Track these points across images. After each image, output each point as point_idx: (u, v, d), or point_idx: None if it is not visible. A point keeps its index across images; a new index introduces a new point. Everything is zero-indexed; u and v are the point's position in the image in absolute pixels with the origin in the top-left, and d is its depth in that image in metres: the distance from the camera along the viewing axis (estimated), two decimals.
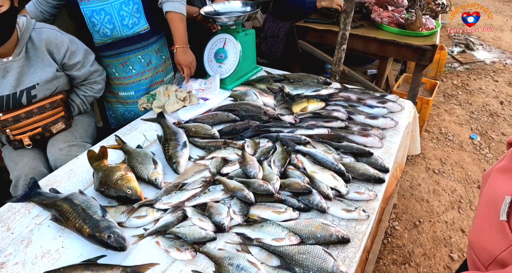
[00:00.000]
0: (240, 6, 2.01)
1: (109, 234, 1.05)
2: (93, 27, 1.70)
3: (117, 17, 1.68)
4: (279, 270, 0.95)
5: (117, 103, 1.97)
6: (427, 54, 2.57)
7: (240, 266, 0.93)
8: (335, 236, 1.02)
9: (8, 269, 1.08)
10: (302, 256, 0.96)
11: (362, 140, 1.48)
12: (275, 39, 3.20)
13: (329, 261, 0.94)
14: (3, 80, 1.50)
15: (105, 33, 1.71)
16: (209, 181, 1.27)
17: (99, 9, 1.65)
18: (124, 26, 1.72)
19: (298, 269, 0.94)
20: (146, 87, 1.94)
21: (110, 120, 2.06)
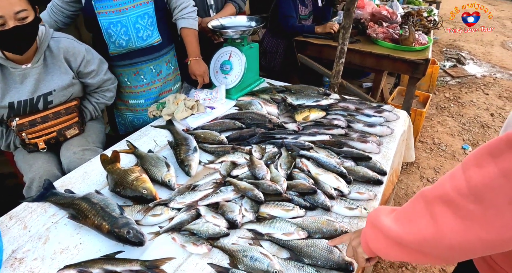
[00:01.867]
0: (246, 20, 2.13)
1: (128, 229, 1.11)
2: (109, 38, 1.80)
3: (132, 30, 1.79)
4: (289, 261, 1.03)
5: (127, 110, 2.06)
6: (420, 68, 2.70)
7: (254, 257, 1.01)
8: (340, 231, 1.10)
9: (27, 265, 1.12)
10: (310, 248, 1.04)
11: (361, 146, 1.58)
12: (274, 54, 3.33)
13: (336, 252, 1.02)
14: (21, 86, 1.57)
15: (121, 44, 1.81)
16: (220, 182, 1.36)
17: (116, 22, 1.75)
18: (139, 38, 1.82)
19: (307, 260, 1.02)
20: (156, 96, 2.03)
21: (119, 126, 2.14)
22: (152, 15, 1.81)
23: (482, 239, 0.59)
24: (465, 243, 0.61)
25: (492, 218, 0.58)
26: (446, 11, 11.61)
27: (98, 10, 1.72)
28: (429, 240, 0.65)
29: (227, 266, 1.05)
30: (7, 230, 1.25)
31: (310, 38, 3.14)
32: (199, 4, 2.12)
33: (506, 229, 0.57)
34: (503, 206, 0.57)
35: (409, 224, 0.70)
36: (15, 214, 1.32)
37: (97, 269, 1.07)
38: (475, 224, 0.60)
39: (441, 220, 0.63)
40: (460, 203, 0.61)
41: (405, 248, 0.71)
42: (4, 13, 1.34)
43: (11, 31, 1.37)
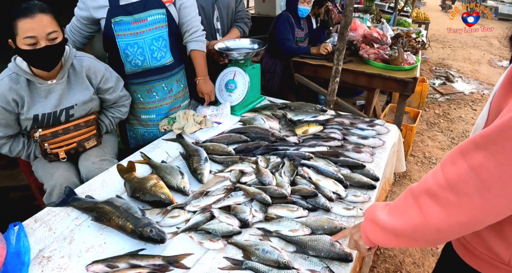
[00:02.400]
0: (249, 43, 2.32)
1: (151, 228, 1.22)
2: (126, 58, 1.95)
3: (148, 51, 1.95)
4: (296, 254, 1.18)
5: (139, 125, 2.21)
6: (409, 86, 2.90)
7: (265, 250, 1.15)
8: (339, 227, 1.25)
9: (55, 262, 1.21)
10: (314, 242, 1.18)
11: (356, 156, 1.74)
12: (272, 74, 3.52)
13: (336, 245, 1.17)
14: (46, 100, 1.70)
15: (137, 63, 1.97)
16: (230, 188, 1.50)
17: (133, 43, 1.92)
18: (153, 58, 1.99)
19: (312, 252, 1.17)
20: (166, 111, 2.19)
21: (130, 140, 2.29)
22: (166, 38, 1.99)
23: (460, 222, 0.74)
24: (448, 227, 0.75)
25: (466, 205, 0.72)
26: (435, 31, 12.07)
27: (117, 33, 1.88)
28: (418, 227, 0.79)
29: (241, 259, 1.18)
30: (32, 232, 1.35)
31: (306, 58, 3.34)
32: (207, 28, 2.31)
33: (477, 212, 0.72)
34: (473, 194, 0.70)
35: (401, 216, 0.84)
36: (40, 218, 1.43)
37: (123, 264, 1.18)
38: (453, 210, 0.73)
39: (426, 210, 0.78)
40: (440, 195, 0.75)
41: (399, 236, 0.85)
42: (37, 34, 1.49)
43: (43, 50, 1.52)
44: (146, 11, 1.89)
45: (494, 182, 0.69)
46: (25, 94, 1.64)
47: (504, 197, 0.69)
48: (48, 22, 1.52)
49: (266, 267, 1.12)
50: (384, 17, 6.16)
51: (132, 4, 1.88)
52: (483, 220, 0.73)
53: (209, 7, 2.39)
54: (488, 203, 0.70)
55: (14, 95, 1.62)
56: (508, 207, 0.71)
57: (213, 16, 2.43)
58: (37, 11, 1.49)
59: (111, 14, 1.86)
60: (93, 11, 1.90)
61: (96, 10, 1.89)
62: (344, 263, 1.16)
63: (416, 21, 8.66)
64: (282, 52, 3.37)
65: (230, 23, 2.59)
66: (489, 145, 0.69)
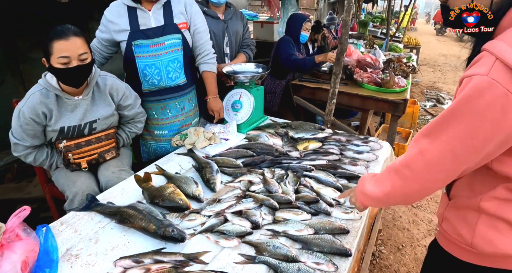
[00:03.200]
0: (254, 67, 2.54)
1: (172, 229, 1.36)
2: (144, 77, 2.14)
3: (164, 71, 2.14)
4: (302, 250, 1.34)
5: (152, 140, 2.38)
6: (400, 107, 3.12)
7: (276, 246, 1.32)
8: (339, 228, 1.43)
9: (83, 259, 1.32)
10: (318, 240, 1.35)
11: (352, 168, 1.93)
12: (273, 94, 3.73)
13: (337, 242, 1.34)
14: (72, 114, 1.85)
15: (153, 83, 2.15)
16: (241, 196, 1.67)
17: (151, 64, 2.10)
18: (169, 78, 2.17)
19: (316, 248, 1.33)
20: (178, 128, 2.36)
21: (143, 154, 2.44)
22: (181, 60, 2.18)
23: (415, 190, 1.00)
24: (407, 193, 1.02)
25: (416, 177, 0.97)
26: (426, 55, 12.53)
27: (136, 54, 2.07)
28: (389, 194, 1.08)
29: (254, 254, 1.34)
30: (59, 233, 1.46)
31: (304, 82, 3.57)
32: (217, 52, 2.53)
33: (425, 182, 0.96)
34: (421, 170, 0.95)
35: (379, 186, 1.12)
36: (65, 221, 1.54)
37: (148, 259, 1.30)
38: (409, 181, 0.99)
39: (393, 182, 1.05)
40: (401, 170, 1.01)
41: (379, 201, 1.15)
42: (70, 54, 1.67)
43: (75, 69, 1.69)
44: (164, 35, 2.09)
45: (434, 161, 0.92)
46: (54, 107, 1.80)
47: (441, 172, 0.93)
48: (80, 44, 1.70)
49: (277, 260, 1.28)
50: (376, 43, 6.48)
51: (151, 29, 2.08)
52: (430, 188, 0.98)
53: (220, 33, 2.63)
54: (431, 176, 0.95)
55: (44, 108, 1.77)
56: (445, 178, 0.95)
57: (223, 42, 2.67)
58: (71, 34, 1.67)
59: (132, 38, 2.05)
60: (115, 34, 2.08)
61: (117, 33, 2.08)
62: (344, 257, 1.32)
63: (408, 46, 9.03)
64: (289, 67, 3.56)
65: (238, 48, 2.83)
66: (430, 134, 0.94)
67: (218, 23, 2.62)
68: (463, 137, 0.86)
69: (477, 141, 0.85)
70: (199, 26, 2.23)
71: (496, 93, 0.80)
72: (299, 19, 3.66)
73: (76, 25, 1.76)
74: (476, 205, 1.02)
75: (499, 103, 0.80)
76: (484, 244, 1.02)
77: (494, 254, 1.01)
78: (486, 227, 1.01)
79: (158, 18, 2.09)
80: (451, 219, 1.12)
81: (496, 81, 0.79)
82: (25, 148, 1.85)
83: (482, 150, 0.87)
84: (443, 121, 0.90)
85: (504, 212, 0.97)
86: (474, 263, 1.07)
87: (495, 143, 0.85)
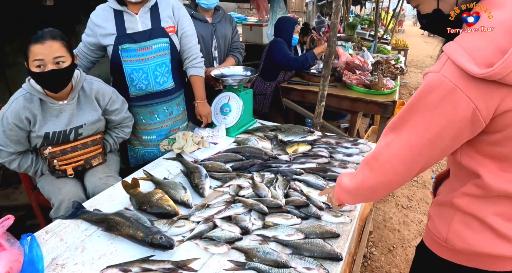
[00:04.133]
0: (242, 70, 2.52)
1: (160, 236, 1.33)
2: (131, 82, 2.10)
3: (152, 76, 2.11)
4: (292, 255, 1.32)
5: (139, 145, 2.35)
6: (389, 108, 3.14)
7: (265, 252, 1.30)
8: (330, 232, 1.41)
9: (69, 269, 1.28)
10: (308, 245, 1.34)
11: (342, 171, 1.91)
12: (263, 96, 3.73)
13: (328, 246, 1.33)
14: (57, 119, 1.81)
15: (141, 87, 2.13)
16: (230, 201, 1.65)
17: (138, 68, 2.07)
18: (157, 83, 2.15)
19: (306, 253, 1.32)
20: (166, 133, 2.34)
21: (131, 159, 2.41)
22: (168, 64, 2.16)
23: (381, 182, 1.04)
24: (375, 185, 1.06)
25: (383, 169, 1.01)
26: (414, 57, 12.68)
27: (123, 58, 2.04)
28: (359, 186, 1.12)
29: (244, 260, 1.32)
30: (44, 242, 1.42)
31: (293, 84, 3.57)
32: (206, 56, 2.51)
33: (391, 174, 1.00)
34: (386, 161, 0.99)
35: (353, 179, 1.16)
36: (51, 229, 1.50)
37: (136, 268, 1.27)
38: (376, 173, 1.03)
39: (363, 173, 1.09)
40: (370, 162, 1.06)
41: (351, 194, 1.18)
42: (44, 58, 1.63)
43: (49, 73, 1.65)
44: (151, 39, 2.06)
45: (398, 153, 0.97)
46: (38, 112, 1.76)
47: (401, 164, 0.97)
48: (57, 47, 1.66)
49: (267, 266, 1.26)
50: (365, 45, 6.53)
51: (138, 33, 2.05)
52: (392, 181, 1.02)
53: (208, 37, 2.61)
54: (392, 167, 0.99)
55: (28, 114, 1.74)
56: (404, 171, 0.98)
57: (212, 45, 2.65)
58: (48, 38, 1.64)
59: (118, 42, 2.02)
60: (101, 38, 2.05)
61: (104, 37, 2.05)
62: (335, 262, 1.31)
63: (396, 48, 9.13)
64: (289, 66, 3.57)
65: (226, 52, 2.81)
66: (395, 128, 0.98)
67: (206, 27, 2.60)
68: (419, 130, 0.92)
69: (431, 134, 0.90)
70: (187, 30, 2.21)
71: (445, 88, 0.85)
72: (291, 22, 3.67)
73: (63, 29, 1.73)
74: (450, 201, 1.05)
75: (449, 97, 0.85)
76: (457, 240, 1.04)
77: (468, 251, 1.03)
78: (460, 224, 1.04)
79: (145, 21, 2.07)
80: (433, 216, 1.15)
81: (446, 77, 0.85)
82: (9, 154, 1.81)
83: (437, 144, 0.91)
84: (404, 115, 0.95)
85: (475, 209, 1.00)
86: (453, 261, 1.09)
87: (449, 136, 0.90)
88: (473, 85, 0.82)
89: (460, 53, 0.84)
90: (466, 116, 0.85)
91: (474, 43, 0.84)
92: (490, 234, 0.99)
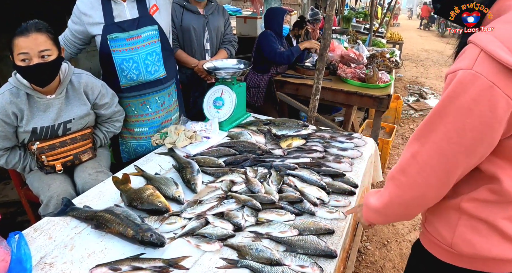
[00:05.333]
0: (235, 63, 2.48)
1: (151, 233, 1.30)
2: (121, 72, 2.05)
3: (142, 65, 2.05)
4: (286, 252, 1.30)
5: (131, 138, 2.29)
6: (384, 102, 3.12)
7: (258, 249, 1.27)
8: (324, 229, 1.39)
9: (57, 267, 1.25)
10: (302, 242, 1.31)
11: (337, 166, 1.90)
12: (257, 89, 3.69)
13: (322, 243, 1.30)
14: (45, 114, 1.78)
15: (132, 77, 2.07)
16: (222, 196, 1.62)
17: (128, 58, 2.01)
18: (148, 72, 2.09)
19: (300, 250, 1.29)
20: (158, 124, 2.29)
21: (123, 154, 2.36)
22: (159, 52, 2.11)
23: (411, 197, 0.95)
24: (404, 202, 0.98)
25: (411, 183, 0.93)
26: (409, 50, 12.68)
27: (112, 48, 1.97)
28: (387, 204, 1.04)
29: (236, 258, 1.29)
30: (33, 240, 1.39)
31: (287, 77, 3.54)
32: (198, 48, 2.47)
33: (420, 188, 0.92)
34: (415, 174, 0.91)
35: (380, 197, 1.07)
36: (39, 227, 1.47)
37: (126, 266, 1.24)
38: (405, 188, 0.95)
39: (390, 190, 1.01)
40: (396, 177, 0.98)
41: (380, 214, 1.10)
42: (29, 51, 1.58)
43: (34, 67, 1.61)
44: (140, 28, 2.01)
45: (428, 164, 0.88)
46: (25, 107, 1.71)
47: (433, 175, 0.89)
48: (42, 40, 1.61)
49: (260, 264, 1.23)
50: (360, 38, 6.49)
51: (126, 22, 1.99)
52: (425, 195, 0.94)
53: (200, 29, 2.56)
54: (424, 180, 0.91)
55: (14, 109, 1.69)
56: (437, 183, 0.91)
57: (204, 37, 2.60)
58: (33, 30, 1.59)
59: (106, 31, 1.96)
60: (89, 27, 1.99)
61: (91, 26, 1.99)
62: (329, 259, 1.28)
63: (391, 42, 9.11)
64: (276, 60, 3.51)
65: (219, 44, 2.76)
66: (420, 137, 0.90)
67: (198, 18, 2.55)
68: (452, 137, 0.83)
69: (467, 141, 0.81)
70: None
71: (480, 87, 0.76)
72: (280, 12, 3.59)
73: (53, 21, 1.68)
74: (457, 205, 0.99)
75: (485, 97, 0.76)
76: (463, 245, 0.99)
77: (473, 256, 0.98)
78: (466, 228, 0.98)
79: (133, 10, 2.02)
80: (433, 219, 1.09)
81: (481, 74, 0.75)
82: None
83: (475, 151, 0.83)
84: (431, 122, 0.87)
85: (484, 214, 0.94)
86: (454, 265, 1.05)
87: (487, 142, 0.81)
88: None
89: (496, 45, 0.75)
90: (505, 116, 0.76)
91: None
92: (498, 238, 0.94)
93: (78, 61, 3.53)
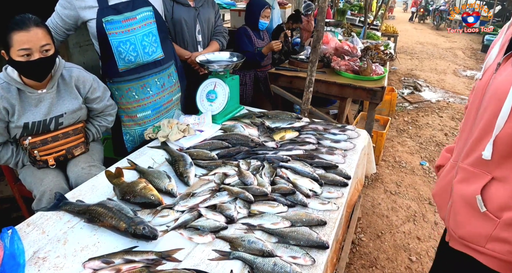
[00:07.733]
0: (228, 56, 2.47)
1: (143, 226, 1.31)
2: (119, 55, 2.02)
3: (140, 46, 2.04)
4: (278, 244, 1.30)
5: (135, 125, 2.27)
6: (378, 94, 3.12)
7: (251, 241, 1.28)
8: (316, 220, 1.40)
9: (51, 262, 1.26)
10: (294, 233, 1.32)
11: (330, 158, 1.90)
12: (244, 86, 3.64)
13: (314, 235, 1.31)
14: (36, 109, 1.76)
15: (130, 59, 2.05)
16: (215, 189, 1.62)
17: (125, 40, 1.99)
18: (146, 53, 2.08)
19: (292, 241, 1.30)
20: (160, 106, 2.29)
21: (127, 144, 2.32)
22: (156, 33, 2.09)
23: None
24: None
25: None
26: (404, 43, 12.66)
27: (109, 31, 1.94)
28: None
29: (229, 250, 1.30)
30: (26, 235, 1.39)
31: (281, 70, 3.52)
32: (190, 40, 2.45)
33: None
34: None
35: None
36: (32, 222, 1.47)
37: (119, 260, 1.24)
38: None
39: None
40: None
41: None
42: (32, 46, 1.57)
43: (36, 62, 1.60)
44: (135, 9, 1.99)
45: None
46: (16, 102, 1.70)
47: None
48: (42, 35, 1.60)
49: (252, 256, 1.24)
50: (354, 31, 6.46)
51: (121, 3, 1.97)
52: None
53: (191, 21, 2.54)
54: None
55: (5, 104, 1.67)
56: None
57: (195, 29, 2.58)
58: (32, 25, 1.57)
59: (101, 14, 1.93)
60: (81, 11, 1.95)
61: (83, 10, 1.95)
62: (321, 250, 1.30)
63: (385, 34, 9.07)
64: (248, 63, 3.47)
65: (210, 36, 2.74)
66: None
67: (189, 11, 2.53)
68: None
69: None
70: None
71: None
72: (258, 6, 3.44)
73: (43, 14, 1.65)
74: None
75: None
76: None
77: None
78: None
79: None
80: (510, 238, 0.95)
81: None
82: None
83: None
84: None
85: None
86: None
87: None
88: None
89: None
90: None
91: None
92: None
93: (71, 56, 3.51)
